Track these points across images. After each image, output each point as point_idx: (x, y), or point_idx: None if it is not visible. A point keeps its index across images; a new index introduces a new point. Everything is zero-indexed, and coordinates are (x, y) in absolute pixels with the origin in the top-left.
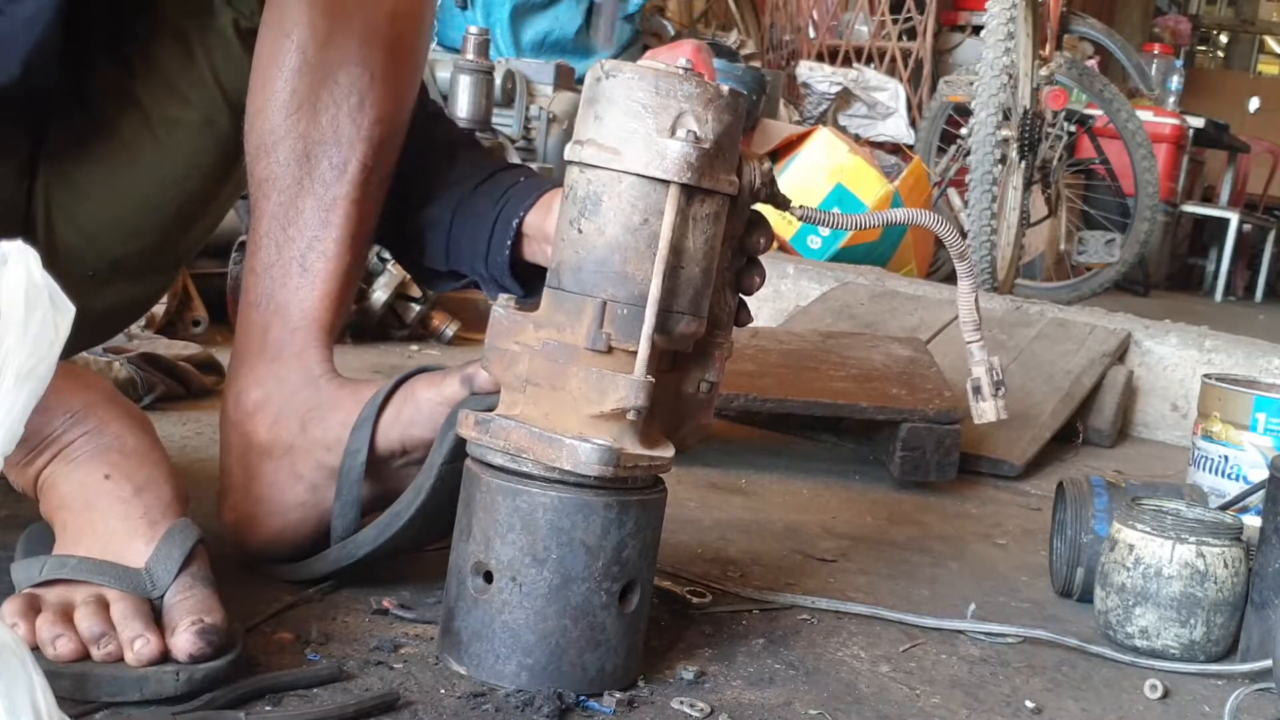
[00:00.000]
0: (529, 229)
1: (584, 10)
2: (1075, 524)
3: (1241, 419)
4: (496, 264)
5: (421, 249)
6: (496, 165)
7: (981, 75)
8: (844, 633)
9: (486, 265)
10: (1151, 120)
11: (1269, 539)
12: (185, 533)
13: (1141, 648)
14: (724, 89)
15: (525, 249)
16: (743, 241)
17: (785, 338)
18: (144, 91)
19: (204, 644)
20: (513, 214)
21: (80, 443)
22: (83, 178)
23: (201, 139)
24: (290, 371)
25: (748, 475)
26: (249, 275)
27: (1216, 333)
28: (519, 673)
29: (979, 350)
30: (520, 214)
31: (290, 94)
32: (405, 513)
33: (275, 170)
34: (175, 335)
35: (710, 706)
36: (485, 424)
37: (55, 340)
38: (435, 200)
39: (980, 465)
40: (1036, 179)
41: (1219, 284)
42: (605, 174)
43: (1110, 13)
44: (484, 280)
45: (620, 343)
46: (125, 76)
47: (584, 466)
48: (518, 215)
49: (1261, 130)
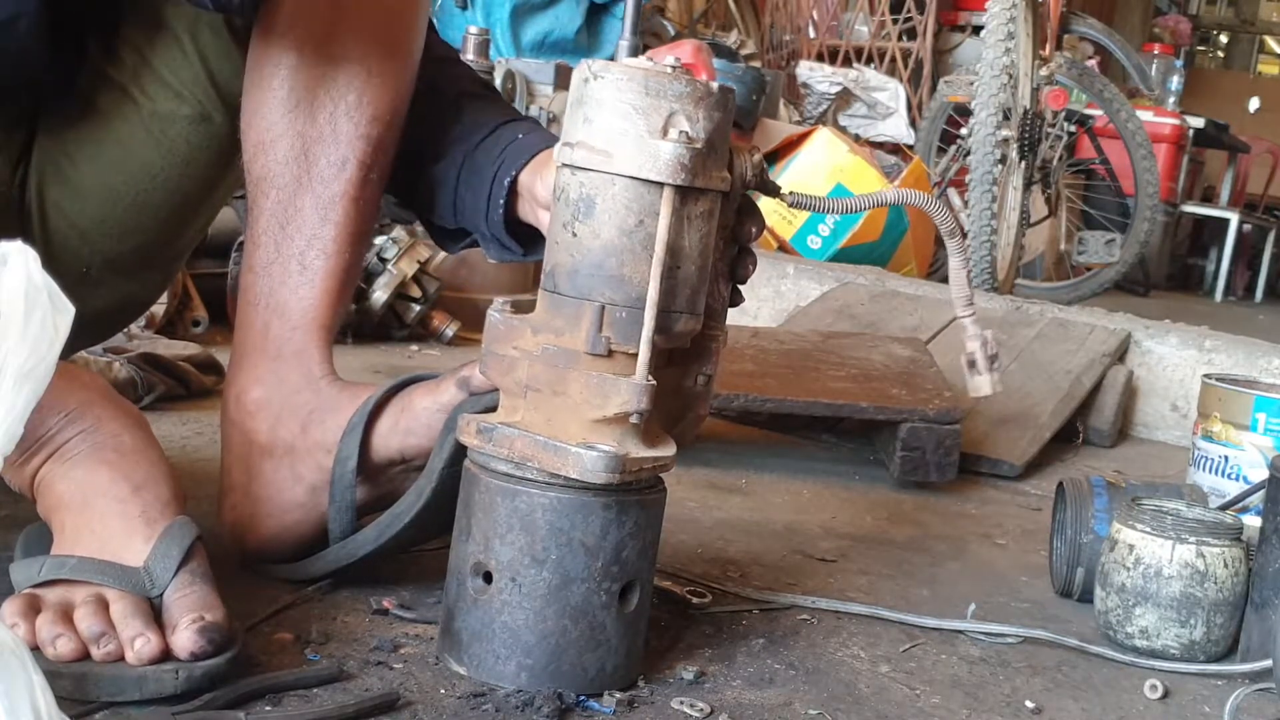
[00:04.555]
0: (521, 187)
1: (584, 10)
2: (1075, 524)
3: (1241, 419)
4: (494, 222)
5: (432, 207)
6: (500, 118)
7: (981, 75)
8: (844, 633)
9: (487, 223)
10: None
11: (1269, 539)
12: (183, 530)
13: (1141, 648)
14: (713, 86)
15: (519, 208)
16: (734, 231)
17: (785, 338)
18: (136, 86)
19: (205, 642)
20: (506, 173)
21: (76, 441)
22: (76, 173)
23: (196, 135)
24: (291, 371)
25: (748, 475)
26: (248, 274)
27: (1216, 333)
28: (519, 673)
29: (972, 325)
30: (513, 173)
31: (288, 92)
32: (405, 515)
33: (273, 168)
34: (175, 335)
35: (710, 706)
36: (488, 432)
37: (55, 340)
38: (442, 157)
39: (980, 465)
40: (1036, 179)
41: (1219, 284)
42: (597, 177)
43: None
44: (485, 239)
45: (620, 345)
46: (117, 71)
47: (591, 475)
48: (510, 174)
49: (1261, 130)
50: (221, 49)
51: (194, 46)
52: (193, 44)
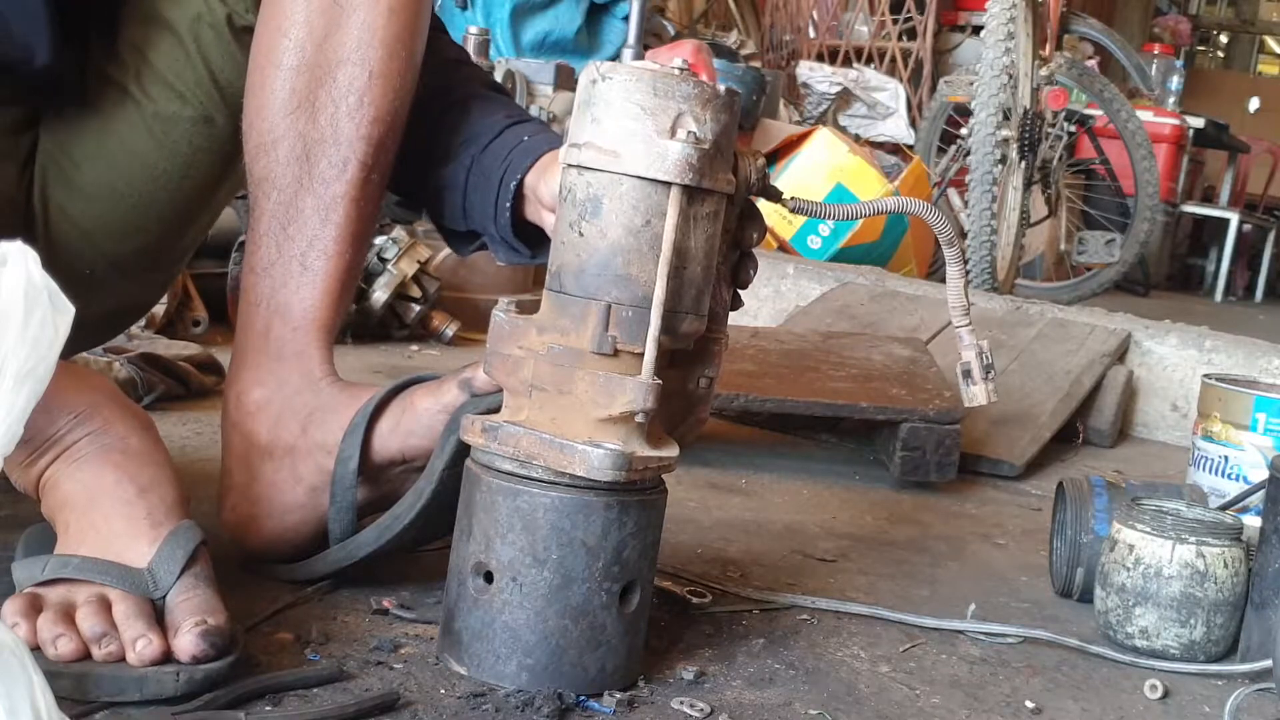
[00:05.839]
0: (527, 189)
1: (584, 10)
2: (1075, 524)
3: (1241, 419)
4: (502, 225)
5: (443, 211)
6: (507, 119)
7: (981, 75)
8: (844, 633)
9: (495, 226)
10: (1151, 120)
11: (1269, 539)
12: (188, 534)
13: (1141, 648)
14: (720, 88)
15: (526, 210)
16: (736, 235)
17: (785, 338)
18: (138, 88)
19: (207, 645)
20: (513, 176)
21: (84, 443)
22: (79, 175)
23: (198, 136)
24: (291, 372)
25: (748, 475)
26: (249, 274)
27: (1216, 333)
28: (519, 673)
29: (968, 334)
30: (519, 175)
31: (289, 93)
32: (406, 516)
33: (274, 169)
34: (175, 335)
35: (710, 706)
36: (493, 431)
37: (55, 340)
38: (451, 160)
39: (980, 465)
40: (1036, 179)
41: (1219, 284)
42: (605, 176)
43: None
44: (493, 241)
45: (626, 345)
46: (119, 72)
47: (597, 472)
48: (516, 177)
49: (1261, 130)
50: (223, 50)
51: (196, 48)
52: (195, 45)
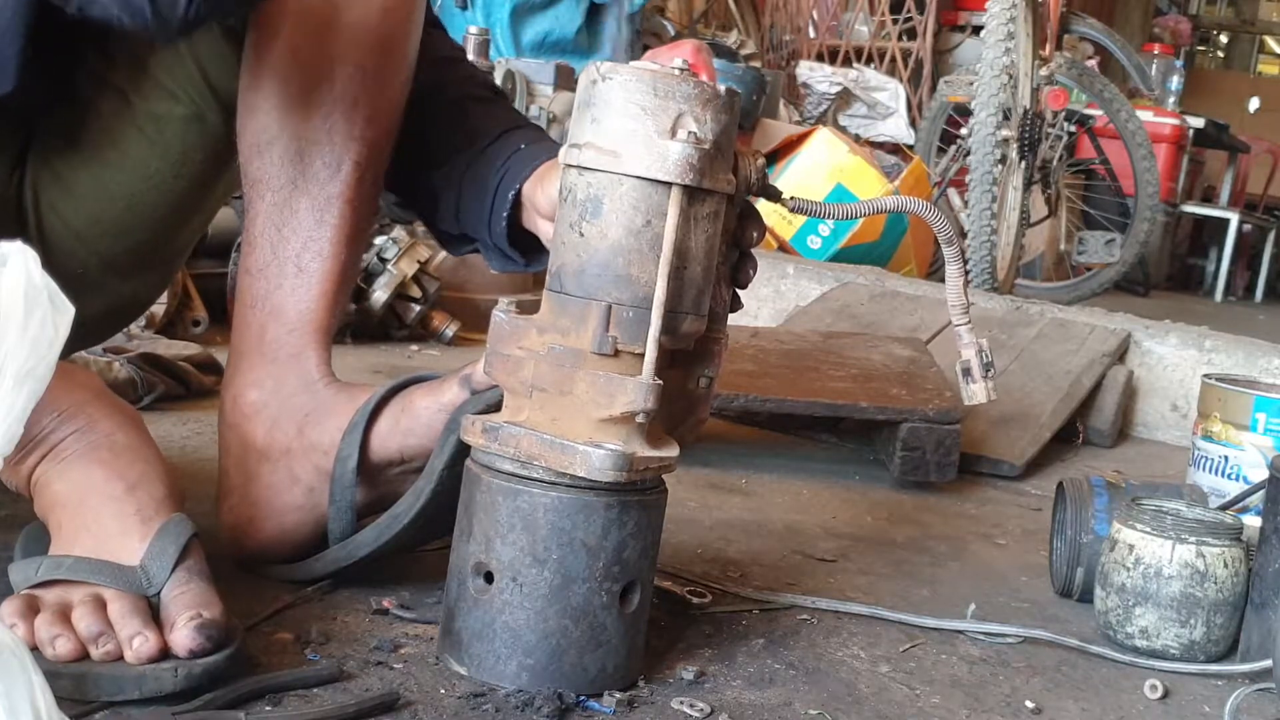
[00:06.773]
0: (524, 199)
1: (584, 11)
2: (1075, 524)
3: (1241, 419)
4: (497, 233)
5: (435, 212)
6: (504, 124)
7: (981, 75)
8: (844, 633)
9: (490, 233)
10: (1151, 120)
11: (1269, 539)
12: (179, 528)
13: (1141, 648)
14: (720, 88)
15: (523, 218)
16: (736, 236)
17: (785, 338)
18: (130, 87)
19: (203, 639)
20: (510, 185)
21: (70, 441)
22: (70, 174)
23: (191, 136)
24: (288, 374)
25: (748, 475)
26: (244, 276)
27: (1216, 333)
28: (519, 673)
29: (967, 333)
30: (517, 185)
31: (282, 93)
32: (405, 516)
33: (269, 170)
34: (175, 335)
35: (710, 706)
36: (493, 431)
37: (55, 341)
38: (445, 163)
39: (980, 465)
40: (1036, 179)
41: (1219, 284)
42: (605, 177)
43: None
44: (487, 247)
45: (626, 345)
46: (111, 71)
47: (598, 473)
48: (514, 187)
49: (1261, 130)
50: (216, 49)
51: (188, 47)
52: (187, 44)
